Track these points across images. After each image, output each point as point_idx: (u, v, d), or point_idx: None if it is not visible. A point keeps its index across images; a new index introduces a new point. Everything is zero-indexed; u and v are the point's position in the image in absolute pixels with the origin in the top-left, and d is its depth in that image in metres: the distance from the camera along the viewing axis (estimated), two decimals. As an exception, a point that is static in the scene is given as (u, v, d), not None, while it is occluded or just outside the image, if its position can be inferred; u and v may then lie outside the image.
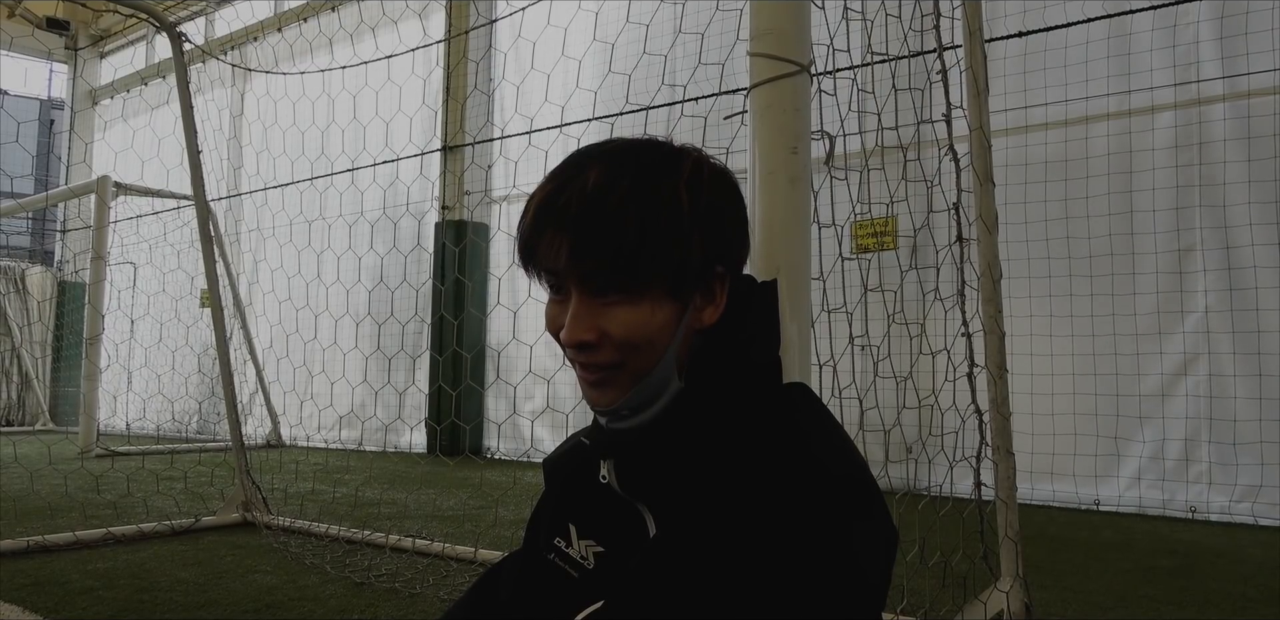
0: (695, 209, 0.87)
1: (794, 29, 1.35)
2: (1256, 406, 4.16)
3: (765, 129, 1.33)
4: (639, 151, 0.91)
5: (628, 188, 0.85)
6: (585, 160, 0.90)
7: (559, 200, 0.86)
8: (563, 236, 0.85)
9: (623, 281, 0.85)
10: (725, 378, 0.90)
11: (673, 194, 0.86)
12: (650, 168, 0.88)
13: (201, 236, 4.13)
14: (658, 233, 0.84)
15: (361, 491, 5.00)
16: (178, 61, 3.93)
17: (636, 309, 0.85)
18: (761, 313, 0.96)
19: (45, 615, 2.53)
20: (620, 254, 0.83)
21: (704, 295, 0.90)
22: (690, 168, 0.90)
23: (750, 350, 0.93)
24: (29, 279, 11.08)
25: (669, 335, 0.88)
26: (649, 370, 0.88)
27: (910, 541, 2.35)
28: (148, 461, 6.24)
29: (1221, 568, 3.24)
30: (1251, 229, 4.25)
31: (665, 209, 0.85)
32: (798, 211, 1.33)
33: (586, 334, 0.86)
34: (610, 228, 0.84)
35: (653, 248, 0.84)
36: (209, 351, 8.57)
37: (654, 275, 0.85)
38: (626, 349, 0.86)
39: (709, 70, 4.45)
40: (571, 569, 0.97)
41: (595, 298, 0.86)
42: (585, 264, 0.84)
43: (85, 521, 3.95)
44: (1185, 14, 4.46)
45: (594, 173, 0.87)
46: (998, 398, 2.38)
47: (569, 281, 0.87)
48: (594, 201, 0.85)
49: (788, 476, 0.79)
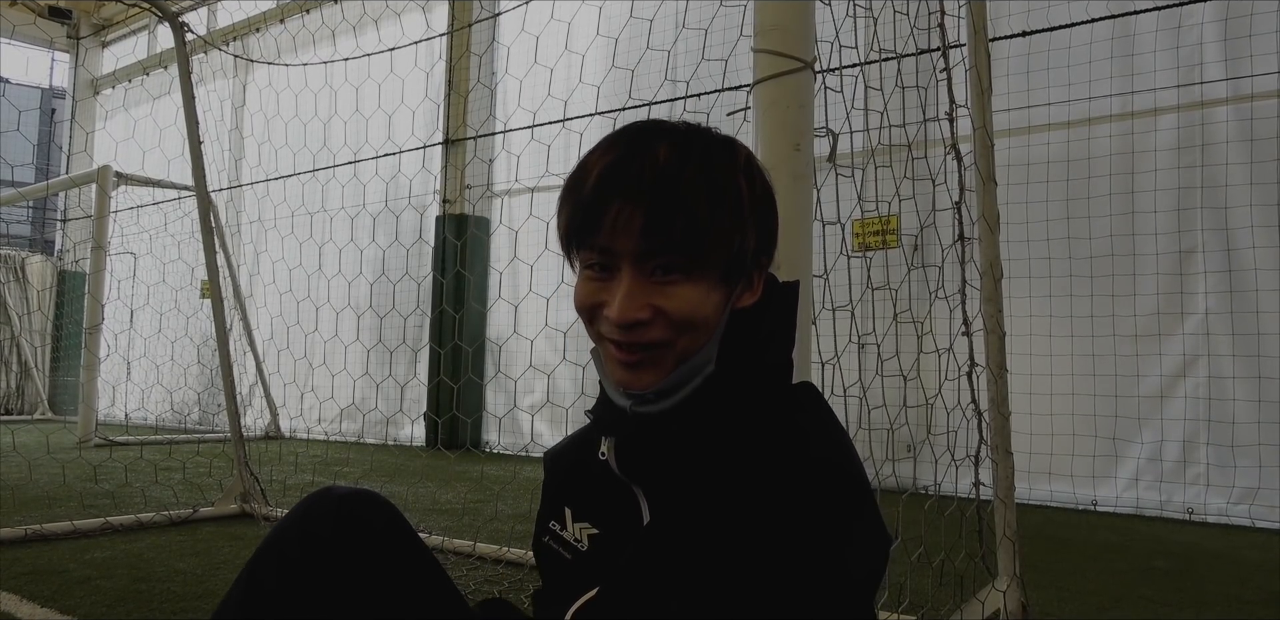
0: (753, 198, 0.87)
1: (798, 25, 1.35)
2: (1255, 409, 4.16)
3: (768, 126, 1.33)
4: (699, 133, 0.90)
5: (697, 166, 0.85)
6: (648, 134, 0.88)
7: (631, 169, 0.85)
8: (636, 209, 0.83)
9: (689, 261, 0.84)
10: (741, 379, 0.90)
11: (734, 180, 0.86)
12: (714, 152, 0.88)
13: (202, 227, 4.12)
14: (725, 216, 0.84)
15: (361, 484, 5.00)
16: (180, 52, 3.92)
17: (695, 287, 0.85)
18: (781, 312, 0.96)
19: (42, 604, 2.53)
20: (692, 233, 0.83)
21: (746, 284, 0.91)
22: (745, 158, 0.90)
23: (766, 350, 0.93)
24: (29, 268, 11.08)
25: (718, 319, 0.88)
26: (694, 351, 0.88)
27: (909, 540, 2.35)
28: (146, 452, 6.24)
29: (1219, 569, 3.24)
30: (1253, 231, 4.24)
31: (731, 194, 0.85)
32: (800, 209, 1.33)
33: (640, 312, 0.84)
34: (686, 205, 0.83)
35: (720, 231, 0.84)
36: (209, 342, 8.58)
37: (715, 253, 0.85)
38: (681, 327, 0.86)
39: (711, 66, 4.45)
40: (565, 551, 0.98)
41: (650, 276, 0.85)
42: (656, 240, 0.83)
43: (83, 511, 3.95)
44: (1189, 16, 4.45)
45: (663, 148, 0.85)
46: (997, 397, 2.38)
47: (624, 258, 0.85)
48: (668, 177, 0.83)
49: (783, 472, 0.80)
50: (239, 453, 4.06)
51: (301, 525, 1.07)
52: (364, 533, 1.07)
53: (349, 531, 1.06)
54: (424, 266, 7.62)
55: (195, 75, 4.01)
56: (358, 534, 1.07)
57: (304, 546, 1.05)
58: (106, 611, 2.47)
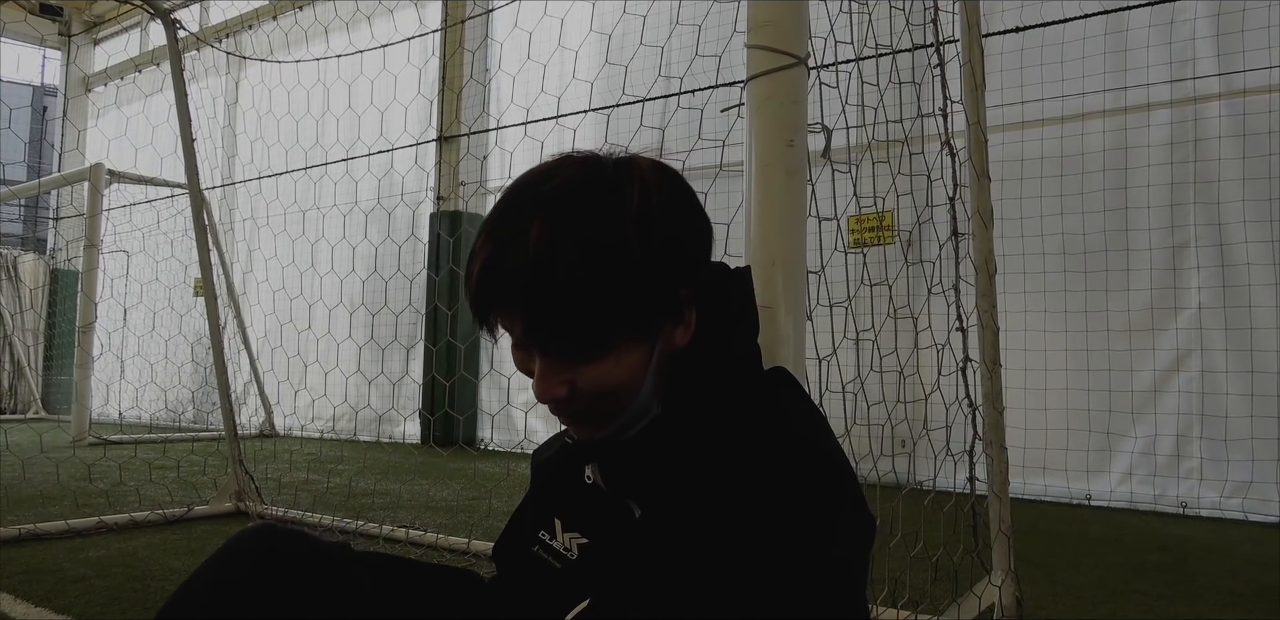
0: (649, 246, 0.82)
1: (792, 21, 1.35)
2: (1248, 403, 4.18)
3: (762, 121, 1.33)
4: (579, 189, 0.84)
5: (573, 245, 0.80)
6: (524, 210, 0.84)
7: (504, 267, 0.81)
8: (514, 317, 0.82)
9: (583, 343, 0.82)
10: (706, 381, 0.90)
11: (622, 240, 0.81)
12: (594, 211, 0.82)
13: (195, 225, 4.11)
14: (612, 292, 0.80)
15: (355, 482, 5.00)
16: (172, 49, 3.91)
17: (602, 365, 0.84)
18: (738, 302, 0.95)
19: (37, 603, 2.52)
20: (578, 325, 0.81)
21: (673, 321, 0.88)
22: (638, 195, 0.84)
23: (730, 342, 0.92)
24: (21, 266, 11.04)
25: (641, 375, 0.86)
26: (627, 404, 0.88)
27: (906, 535, 2.35)
28: (140, 450, 6.23)
29: (1212, 563, 3.25)
30: (1245, 226, 4.26)
31: (616, 261, 0.80)
32: (794, 204, 1.32)
33: (557, 390, 0.85)
34: (562, 300, 0.80)
35: (610, 311, 0.81)
36: (202, 340, 8.55)
37: (612, 329, 0.83)
38: (603, 398, 0.86)
39: (705, 62, 4.44)
40: (555, 560, 0.97)
41: (558, 357, 0.84)
42: (542, 336, 0.83)
43: (77, 510, 3.94)
44: (1181, 11, 4.45)
45: (535, 229, 0.80)
46: (991, 392, 2.39)
47: (529, 343, 0.86)
48: (540, 269, 0.79)
49: (769, 463, 0.80)
50: (234, 451, 4.05)
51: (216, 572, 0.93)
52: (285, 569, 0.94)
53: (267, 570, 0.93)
54: (417, 263, 7.61)
55: (188, 72, 4.00)
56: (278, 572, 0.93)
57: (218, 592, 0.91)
58: (101, 611, 2.46)
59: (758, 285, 1.27)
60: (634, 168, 0.87)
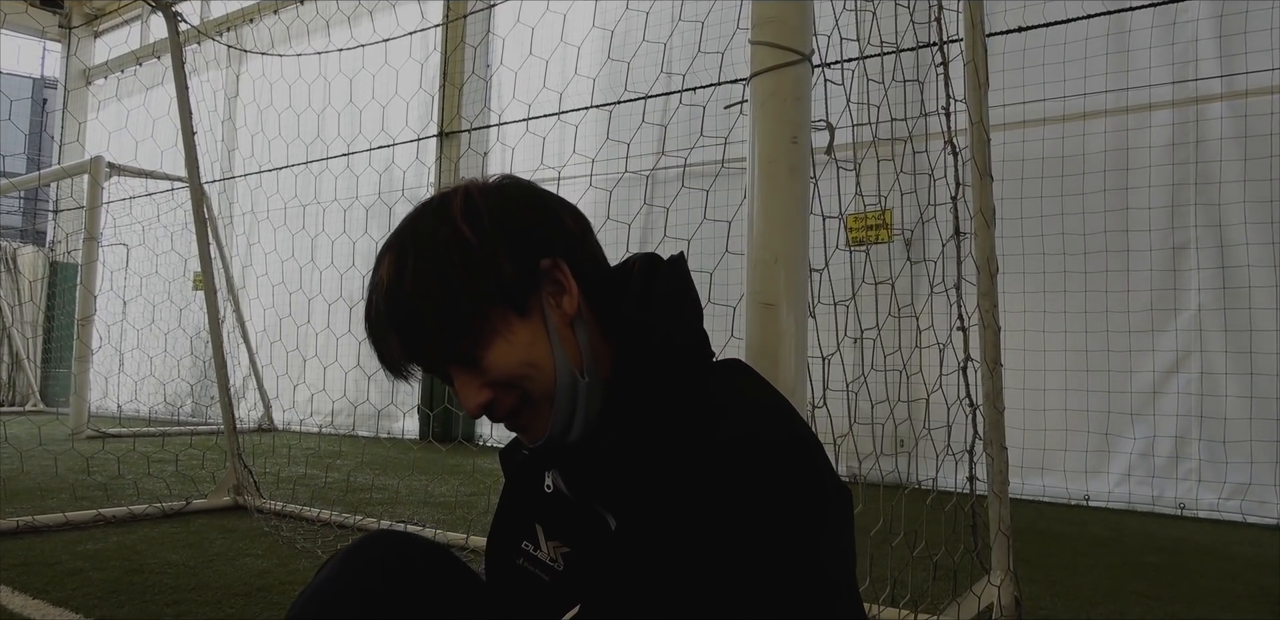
0: (481, 232, 0.88)
1: (796, 18, 1.34)
2: (1247, 405, 4.18)
3: (765, 118, 1.32)
4: (413, 220, 0.94)
5: (413, 265, 0.88)
6: (379, 257, 0.93)
7: (371, 309, 0.91)
8: (390, 337, 0.89)
9: (461, 336, 0.86)
10: (652, 371, 0.88)
11: (453, 236, 0.88)
12: (424, 228, 0.91)
13: (195, 218, 4.10)
14: (457, 274, 0.86)
15: (354, 477, 5.00)
16: (173, 42, 3.90)
17: (494, 349, 0.87)
18: (673, 290, 0.93)
19: (34, 596, 2.52)
20: (439, 312, 0.86)
21: (552, 290, 0.90)
22: (461, 202, 0.91)
23: (672, 334, 0.90)
24: (20, 258, 11.03)
25: (544, 348, 0.88)
26: (551, 390, 0.88)
27: (901, 534, 2.35)
28: (139, 443, 6.23)
29: (1210, 564, 3.26)
30: (1246, 228, 4.25)
31: (453, 251, 0.87)
32: (797, 202, 1.32)
33: (479, 397, 0.88)
34: (416, 301, 0.87)
35: (461, 288, 0.86)
36: (201, 334, 8.55)
37: (481, 311, 0.86)
38: (518, 382, 0.87)
39: (708, 59, 4.44)
40: (543, 573, 0.96)
41: (465, 365, 0.88)
42: (419, 344, 0.88)
43: (75, 503, 3.94)
44: (1184, 12, 4.45)
45: (383, 268, 0.90)
46: (992, 392, 2.39)
47: (438, 365, 0.91)
48: (391, 297, 0.88)
49: (719, 460, 0.77)
50: (232, 445, 4.05)
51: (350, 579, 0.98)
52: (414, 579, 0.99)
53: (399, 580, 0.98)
54: (418, 259, 7.59)
55: (188, 65, 3.99)
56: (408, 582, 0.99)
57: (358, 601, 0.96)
58: (99, 603, 2.46)
59: (761, 282, 1.27)
60: (458, 187, 0.95)
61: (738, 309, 1.33)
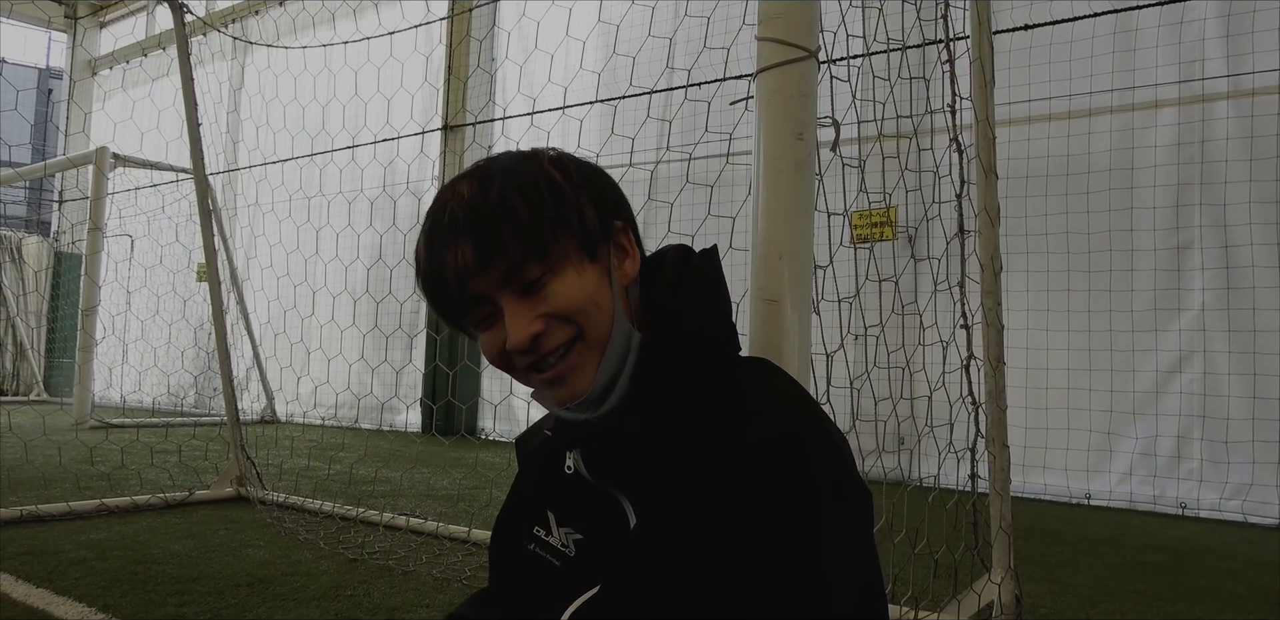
0: (569, 178, 0.91)
1: (803, 14, 1.34)
2: (1249, 405, 4.17)
3: (771, 115, 1.32)
4: (497, 158, 0.94)
5: (499, 181, 0.88)
6: (451, 185, 0.92)
7: (445, 216, 0.89)
8: (461, 243, 0.86)
9: (537, 256, 0.85)
10: (683, 356, 0.89)
11: (541, 172, 0.90)
12: (513, 164, 0.92)
13: (200, 210, 4.11)
14: (544, 202, 0.87)
15: (356, 469, 5.01)
16: (179, 33, 3.90)
17: (564, 277, 0.86)
18: (705, 281, 0.94)
19: (38, 585, 2.54)
20: (520, 230, 0.85)
21: (617, 251, 0.92)
22: (550, 154, 0.94)
23: (704, 325, 0.91)
24: (25, 248, 11.05)
25: (608, 294, 0.88)
26: (606, 332, 0.87)
27: (902, 531, 2.36)
28: (142, 434, 6.24)
29: (1211, 564, 3.26)
30: (1251, 228, 4.25)
31: (542, 183, 0.89)
32: (801, 198, 1.32)
33: (532, 326, 0.86)
34: (498, 213, 0.86)
35: (547, 215, 0.86)
36: (205, 326, 8.56)
37: (561, 240, 0.87)
38: (578, 316, 0.86)
39: (713, 55, 4.43)
40: (554, 558, 0.95)
41: (523, 294, 0.86)
42: (492, 257, 0.85)
43: (79, 492, 3.95)
44: (1190, 11, 4.44)
45: (462, 185, 0.90)
46: (994, 390, 2.39)
47: (494, 295, 0.87)
48: (474, 204, 0.87)
49: (755, 459, 0.77)
50: (235, 436, 4.06)
51: None
52: None
53: None
54: (421, 252, 7.59)
55: (194, 57, 3.99)
56: None
57: None
58: (102, 592, 2.47)
59: (765, 279, 1.27)
60: (539, 148, 0.96)
61: (742, 305, 1.33)
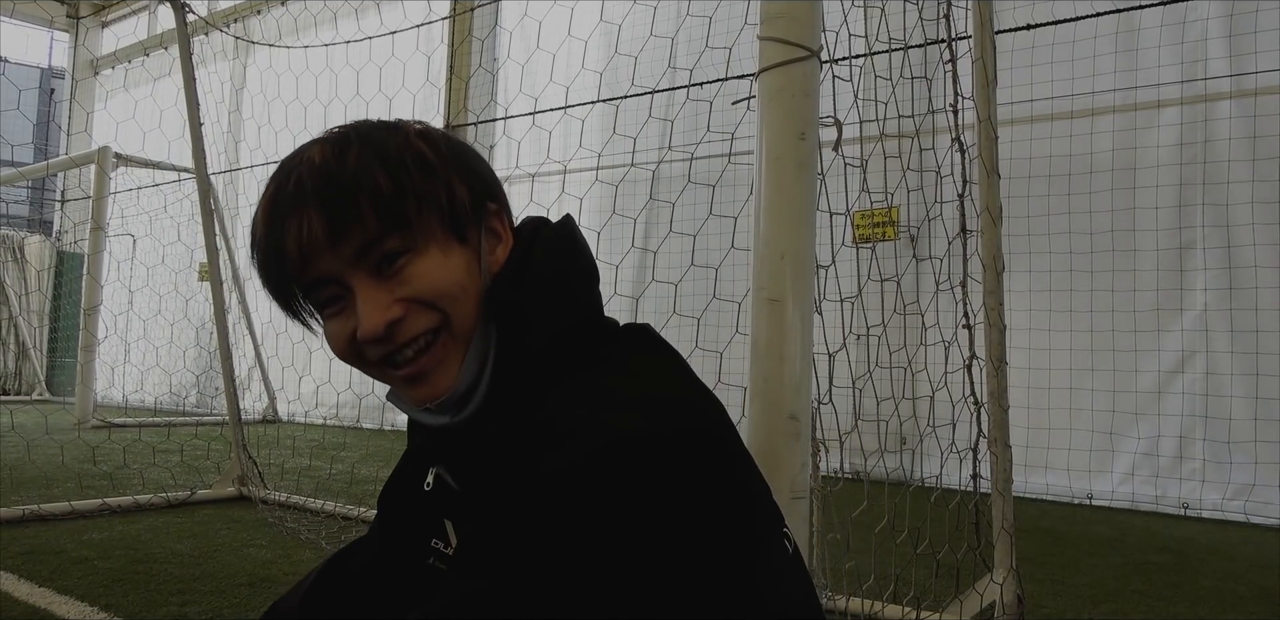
0: (439, 152, 0.81)
1: (805, 13, 1.34)
2: (1252, 405, 4.17)
3: (773, 114, 1.32)
4: (355, 125, 0.84)
5: (359, 148, 0.78)
6: (300, 150, 0.83)
7: (289, 184, 0.78)
8: (309, 214, 0.75)
9: (397, 229, 0.75)
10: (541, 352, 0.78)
11: (407, 144, 0.80)
12: (375, 131, 0.82)
13: (202, 210, 4.11)
14: (408, 174, 0.77)
15: (358, 469, 5.01)
16: (181, 32, 3.91)
17: (428, 258, 0.77)
18: (548, 263, 0.83)
19: (40, 584, 2.54)
20: (380, 201, 0.75)
21: (490, 235, 0.83)
22: (417, 126, 0.85)
23: (546, 313, 0.80)
24: (27, 248, 11.05)
25: (475, 281, 0.79)
26: (473, 327, 0.78)
27: (904, 531, 2.35)
28: (144, 434, 6.24)
29: (1213, 565, 3.25)
30: (1253, 228, 4.24)
31: (406, 155, 0.78)
32: (804, 198, 1.32)
33: (389, 311, 0.75)
34: (355, 182, 0.76)
35: (412, 188, 0.77)
36: (207, 325, 8.56)
37: (425, 214, 0.77)
38: (443, 302, 0.77)
39: (714, 55, 4.43)
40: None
41: (379, 276, 0.76)
42: (345, 229, 0.75)
43: (81, 492, 3.96)
44: (1193, 11, 4.43)
45: (315, 152, 0.80)
46: (996, 390, 2.39)
47: (344, 273, 0.76)
48: (327, 169, 0.77)
49: (548, 490, 0.65)
50: (237, 436, 4.06)
51: None
52: None
53: None
54: (423, 252, 7.59)
55: (196, 56, 3.99)
56: None
57: None
58: (104, 592, 2.48)
59: (767, 278, 1.26)
60: (402, 119, 0.87)
61: (743, 305, 1.32)
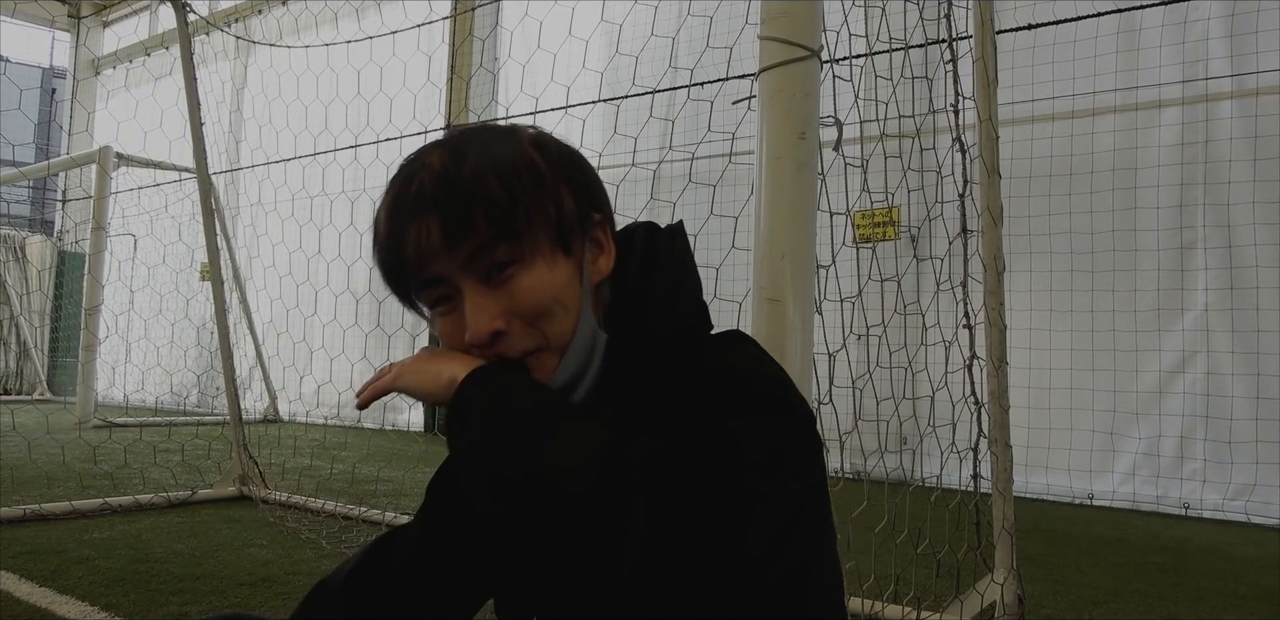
0: (550, 162, 0.84)
1: (806, 13, 1.34)
2: (1253, 406, 4.17)
3: (773, 114, 1.32)
4: (471, 130, 0.88)
5: (475, 156, 0.82)
6: (420, 155, 0.86)
7: (412, 189, 0.82)
8: (428, 219, 0.80)
9: (507, 239, 0.79)
10: (651, 340, 0.85)
11: (521, 153, 0.84)
12: (487, 138, 0.86)
13: (203, 209, 4.11)
14: (522, 186, 0.81)
15: (358, 468, 5.01)
16: (182, 32, 3.90)
17: (534, 271, 0.80)
18: (672, 261, 0.89)
19: (41, 583, 2.54)
20: (494, 212, 0.79)
21: (593, 245, 0.87)
22: (530, 132, 0.88)
23: (675, 300, 0.87)
24: (29, 248, 11.05)
25: (576, 294, 0.83)
26: (569, 337, 0.82)
27: (904, 531, 2.35)
28: (145, 433, 6.24)
29: (1213, 565, 3.25)
30: (1254, 228, 4.24)
31: (520, 165, 0.82)
32: (804, 198, 1.32)
33: (494, 322, 0.80)
34: (472, 191, 0.80)
35: (524, 200, 0.80)
36: (208, 325, 8.56)
37: (535, 227, 0.80)
38: (539, 318, 0.81)
39: (715, 55, 4.43)
40: None
41: (487, 283, 0.80)
42: (459, 236, 0.79)
43: (82, 491, 3.96)
44: (1194, 11, 4.43)
45: (435, 158, 0.83)
46: (997, 390, 2.38)
47: (454, 274, 0.80)
48: (446, 180, 0.81)
49: (744, 398, 0.74)
50: (238, 435, 4.06)
51: None
52: None
53: None
54: (424, 251, 7.58)
55: (197, 56, 3.99)
56: None
57: None
58: (104, 591, 2.48)
59: (767, 278, 1.27)
60: (518, 125, 0.91)
61: (744, 305, 1.32)
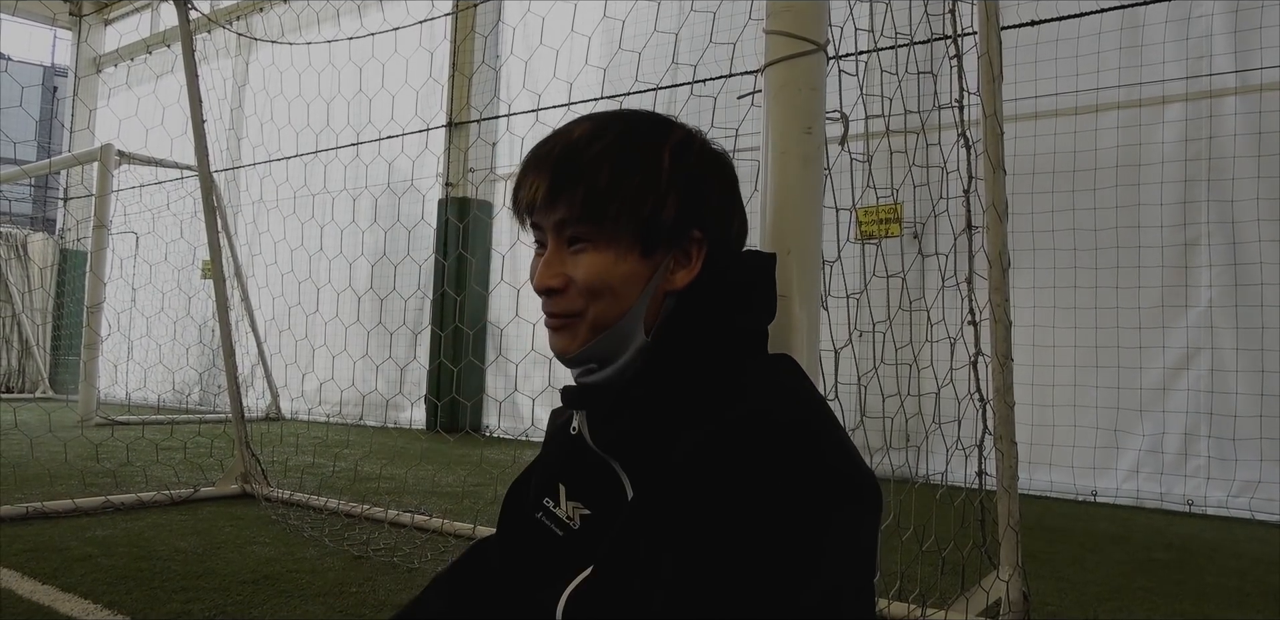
0: (675, 169, 0.89)
1: (811, 7, 1.33)
2: (1257, 402, 4.16)
3: (779, 108, 1.31)
4: (632, 115, 0.95)
5: (610, 141, 0.89)
6: (579, 120, 0.94)
7: (545, 149, 0.91)
8: (541, 177, 0.89)
9: (590, 222, 0.87)
10: (702, 339, 0.90)
11: (653, 152, 0.89)
12: (637, 128, 0.92)
13: (205, 207, 4.11)
14: (630, 181, 0.87)
15: (361, 466, 5.01)
16: (184, 29, 3.89)
17: (601, 255, 0.87)
18: (753, 280, 0.95)
19: (43, 581, 2.54)
20: (590, 194, 0.86)
21: (678, 258, 0.91)
22: (680, 136, 0.92)
23: (737, 315, 0.92)
24: (31, 246, 11.06)
25: (635, 289, 0.89)
26: (611, 322, 0.89)
27: (910, 528, 2.35)
28: (147, 431, 6.24)
29: (1218, 562, 3.25)
30: (1259, 225, 4.23)
31: (642, 162, 0.88)
32: (810, 193, 1.31)
33: (553, 279, 0.89)
34: (584, 169, 0.87)
35: (623, 194, 0.87)
36: (209, 322, 8.57)
37: (621, 222, 0.87)
38: (589, 295, 0.88)
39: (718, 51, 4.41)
40: (557, 528, 0.96)
41: (568, 247, 0.89)
42: (558, 202, 0.87)
43: (84, 489, 3.96)
44: (1198, 7, 4.42)
45: (582, 128, 0.91)
46: (1002, 387, 2.38)
47: (547, 231, 0.90)
48: (575, 148, 0.89)
49: (760, 449, 0.76)
50: (240, 433, 4.06)
51: None
52: None
53: None
54: (425, 249, 7.59)
55: (198, 53, 3.98)
56: None
57: None
58: (107, 589, 2.47)
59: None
60: (687, 125, 0.96)
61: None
